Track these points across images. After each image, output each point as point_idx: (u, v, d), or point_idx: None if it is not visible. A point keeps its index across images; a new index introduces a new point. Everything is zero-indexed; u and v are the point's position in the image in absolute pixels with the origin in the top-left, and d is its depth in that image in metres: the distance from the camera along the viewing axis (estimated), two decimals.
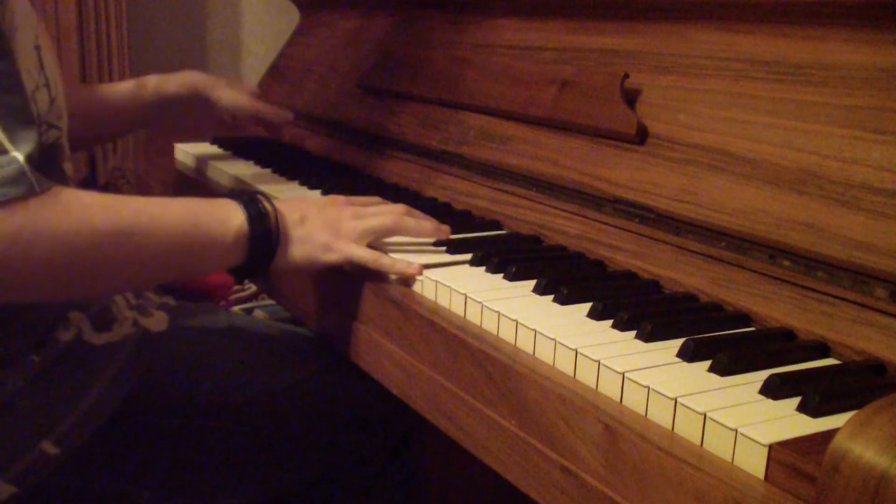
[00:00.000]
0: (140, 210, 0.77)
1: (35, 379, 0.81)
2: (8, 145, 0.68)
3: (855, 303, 0.67)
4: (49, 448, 0.82)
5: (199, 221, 0.80)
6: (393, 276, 0.85)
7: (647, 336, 0.67)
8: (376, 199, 0.94)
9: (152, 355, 0.90)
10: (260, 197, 0.84)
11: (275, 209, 0.83)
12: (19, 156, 0.69)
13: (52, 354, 0.83)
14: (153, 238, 0.76)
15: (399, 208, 0.91)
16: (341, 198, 0.91)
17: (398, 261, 0.84)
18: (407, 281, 0.84)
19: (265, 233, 0.82)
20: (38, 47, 0.81)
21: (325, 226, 0.86)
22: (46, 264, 0.70)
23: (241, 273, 0.85)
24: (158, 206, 0.79)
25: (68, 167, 0.88)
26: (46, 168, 0.73)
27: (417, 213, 0.91)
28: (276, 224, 0.83)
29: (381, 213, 0.89)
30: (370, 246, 0.87)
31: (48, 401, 0.82)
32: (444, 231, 0.91)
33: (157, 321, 0.93)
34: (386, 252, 0.88)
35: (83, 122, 1.11)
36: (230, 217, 0.81)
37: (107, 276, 0.76)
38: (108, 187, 1.97)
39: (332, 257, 0.85)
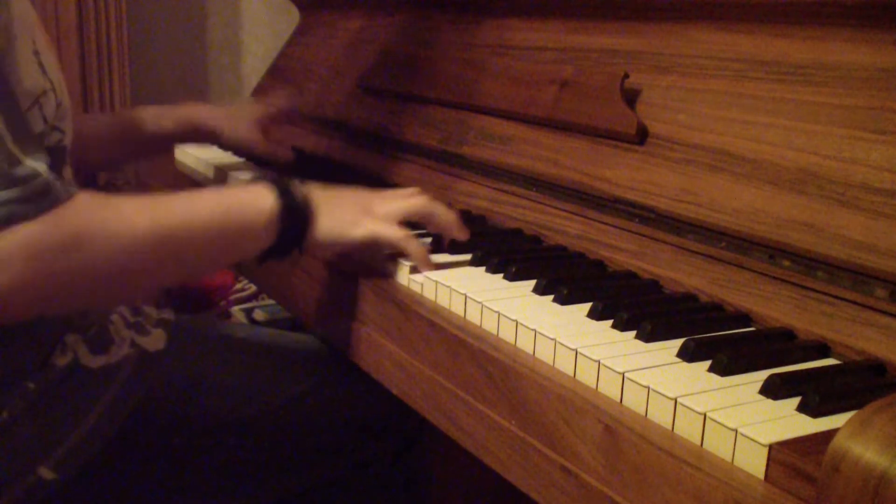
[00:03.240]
0: (174, 208, 0.77)
1: (32, 404, 0.80)
2: (22, 157, 0.68)
3: (855, 303, 0.67)
4: (46, 473, 0.80)
5: (233, 210, 0.80)
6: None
7: (647, 336, 0.67)
8: (409, 189, 0.94)
9: (151, 376, 0.88)
10: (289, 179, 0.84)
11: (304, 189, 0.84)
12: (39, 166, 0.68)
13: (49, 379, 0.81)
14: (192, 234, 0.77)
15: (426, 197, 0.91)
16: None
17: (422, 248, 0.85)
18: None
19: (295, 211, 0.82)
20: (36, 52, 0.80)
21: (355, 204, 0.87)
22: (92, 272, 0.70)
23: (273, 255, 0.85)
24: (191, 201, 0.79)
25: (68, 171, 0.88)
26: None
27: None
28: (306, 202, 0.83)
29: (412, 197, 0.90)
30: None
31: (45, 426, 0.81)
32: (465, 233, 0.91)
33: (155, 340, 0.91)
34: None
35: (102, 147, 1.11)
36: (262, 200, 0.81)
37: (151, 277, 0.77)
38: (108, 187, 1.97)
39: (359, 232, 0.85)
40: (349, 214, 0.86)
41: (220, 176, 1.31)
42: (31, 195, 0.66)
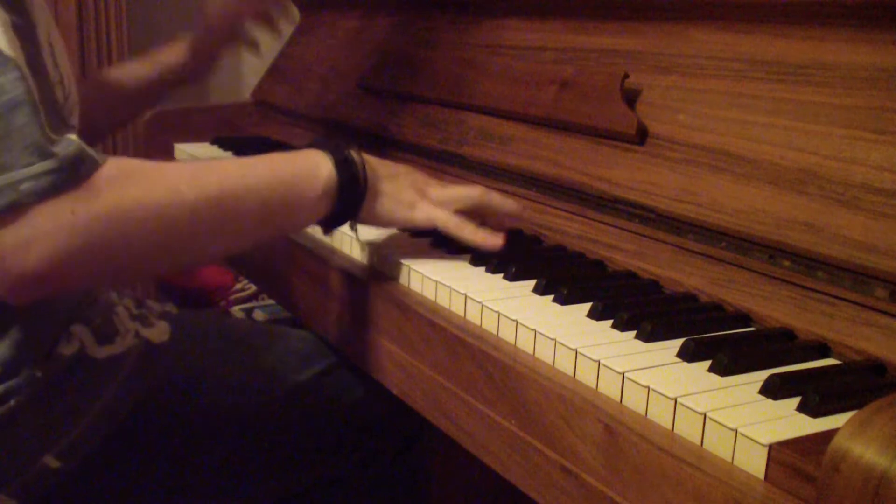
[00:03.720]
0: (226, 174, 0.76)
1: (38, 393, 0.80)
2: (55, 130, 0.67)
3: (855, 303, 0.67)
4: (51, 462, 0.81)
5: (286, 177, 0.78)
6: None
7: (647, 336, 0.67)
8: (467, 184, 0.94)
9: (155, 367, 0.89)
10: (347, 145, 0.82)
11: (362, 158, 0.82)
12: (72, 136, 0.68)
13: (55, 369, 0.81)
14: (244, 201, 0.75)
15: (482, 188, 0.91)
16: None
17: (480, 229, 0.84)
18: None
19: (353, 181, 0.80)
20: (50, 44, 0.80)
21: (412, 185, 0.85)
22: (138, 242, 0.69)
23: (327, 224, 0.84)
24: (243, 166, 0.78)
25: None
26: None
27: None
28: (364, 174, 0.81)
29: (467, 186, 0.89)
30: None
31: (51, 415, 0.81)
32: (524, 214, 0.91)
33: (160, 332, 0.91)
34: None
35: (99, 110, 1.11)
36: (318, 167, 0.79)
37: (203, 245, 0.76)
38: None
39: (417, 216, 0.84)
40: (407, 195, 0.84)
41: None
42: (68, 166, 0.66)
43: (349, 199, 0.81)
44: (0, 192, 0.64)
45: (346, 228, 0.89)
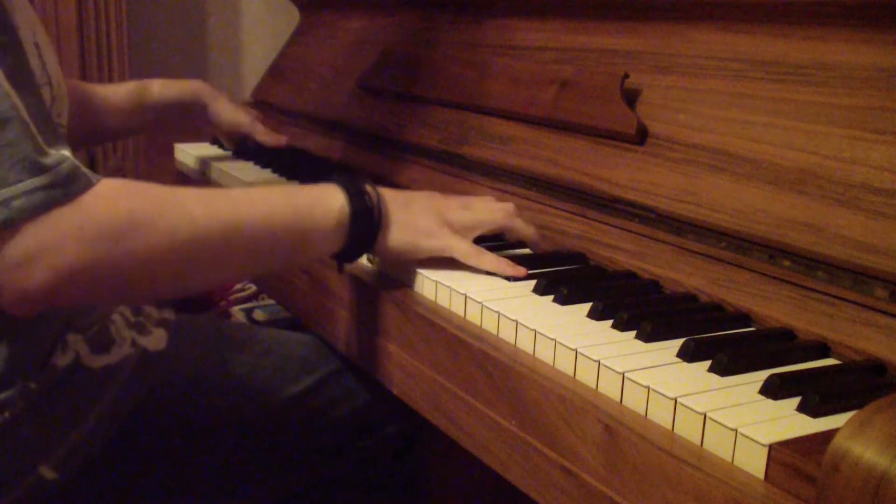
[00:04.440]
0: (239, 202, 0.75)
1: (33, 404, 0.79)
2: (46, 144, 0.67)
3: (855, 303, 0.67)
4: (47, 473, 0.80)
5: (301, 208, 0.77)
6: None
7: (647, 336, 0.67)
8: (487, 197, 0.91)
9: (152, 376, 0.88)
10: (360, 178, 0.81)
11: (377, 191, 0.81)
12: (64, 152, 0.67)
13: (50, 379, 0.81)
14: (257, 231, 0.75)
15: (508, 206, 0.89)
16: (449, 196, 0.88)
17: (501, 259, 0.82)
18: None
19: (366, 214, 0.79)
20: (36, 44, 0.80)
21: (430, 211, 0.83)
22: (144, 260, 0.69)
23: (341, 258, 0.83)
24: (257, 196, 0.77)
25: None
26: None
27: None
28: (378, 206, 0.80)
29: (491, 209, 0.87)
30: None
31: (46, 426, 0.80)
32: (542, 243, 0.89)
33: (157, 339, 0.90)
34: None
35: (79, 118, 1.10)
36: (332, 200, 0.78)
37: (204, 271, 0.75)
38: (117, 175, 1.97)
39: (433, 244, 0.82)
40: (424, 222, 0.82)
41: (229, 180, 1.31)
42: (60, 181, 0.66)
43: (363, 232, 0.80)
44: None
45: (363, 260, 0.88)
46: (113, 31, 2.16)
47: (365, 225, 0.79)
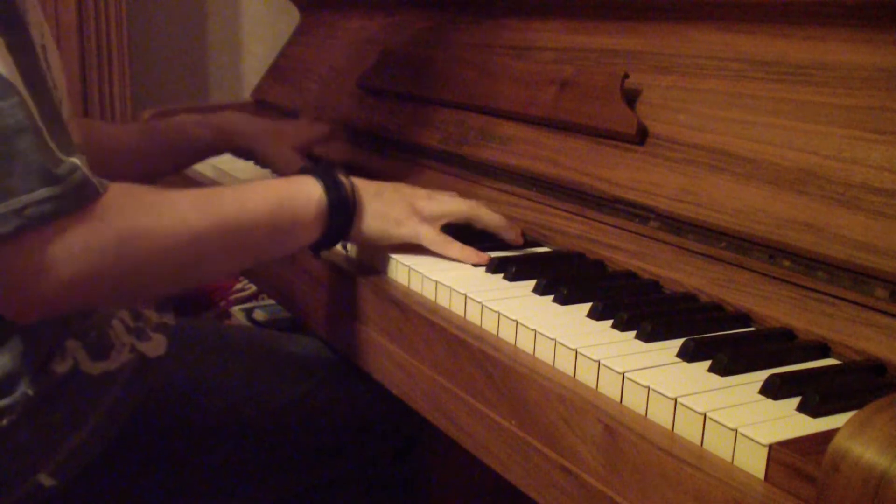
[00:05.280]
0: (227, 201, 0.78)
1: (31, 411, 0.79)
2: (60, 152, 0.67)
3: (855, 303, 0.67)
4: (45, 479, 0.80)
5: (283, 202, 0.81)
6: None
7: (647, 336, 0.67)
8: (451, 192, 0.95)
9: (151, 381, 0.87)
10: (335, 169, 0.84)
11: (351, 181, 0.84)
12: (76, 161, 0.68)
13: (48, 386, 0.80)
14: (245, 227, 0.78)
15: (472, 201, 0.92)
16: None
17: (466, 248, 0.86)
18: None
19: (342, 204, 0.83)
20: (43, 46, 0.79)
21: (400, 201, 0.87)
22: (145, 266, 0.72)
23: (318, 247, 0.86)
24: (242, 193, 0.80)
25: None
26: None
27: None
28: (353, 195, 0.84)
29: (456, 200, 0.91)
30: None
31: (44, 433, 0.80)
32: (515, 232, 0.92)
33: (156, 345, 0.90)
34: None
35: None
36: (311, 192, 0.82)
37: (202, 269, 0.79)
38: None
39: (403, 232, 0.86)
40: (395, 212, 0.86)
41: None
42: (71, 191, 0.67)
43: (340, 221, 0.83)
44: (6, 218, 0.64)
45: (338, 248, 0.91)
46: (113, 31, 2.16)
47: (342, 214, 0.83)
